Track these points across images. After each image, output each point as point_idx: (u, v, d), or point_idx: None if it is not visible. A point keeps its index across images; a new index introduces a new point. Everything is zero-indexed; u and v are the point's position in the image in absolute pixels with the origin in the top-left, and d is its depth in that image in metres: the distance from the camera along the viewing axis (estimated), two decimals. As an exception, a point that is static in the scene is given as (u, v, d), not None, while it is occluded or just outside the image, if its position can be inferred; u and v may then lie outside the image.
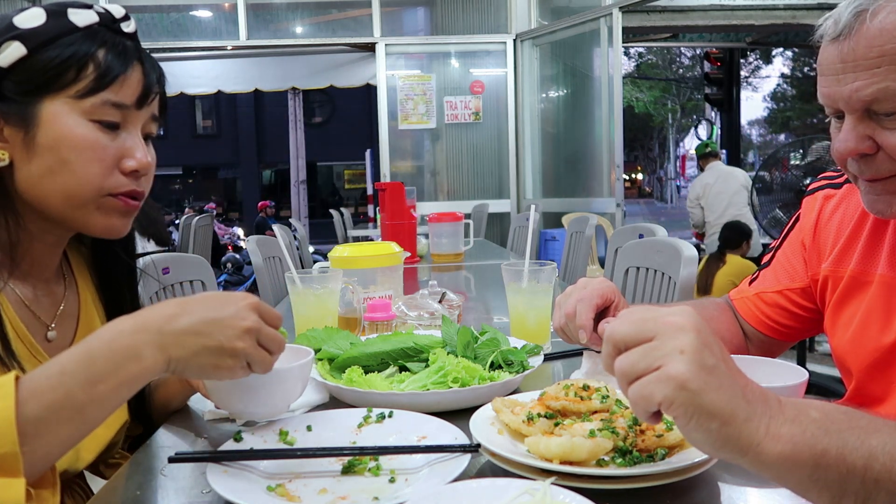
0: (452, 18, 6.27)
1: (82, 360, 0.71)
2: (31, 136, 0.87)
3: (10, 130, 0.88)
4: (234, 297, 0.80)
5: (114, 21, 0.92)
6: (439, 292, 1.64)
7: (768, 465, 0.60)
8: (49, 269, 0.99)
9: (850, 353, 1.04)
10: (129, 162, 0.91)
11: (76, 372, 0.70)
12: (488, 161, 6.23)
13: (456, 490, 0.68)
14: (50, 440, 0.70)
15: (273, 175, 22.55)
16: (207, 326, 0.76)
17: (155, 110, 0.96)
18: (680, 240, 1.96)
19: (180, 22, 6.38)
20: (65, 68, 0.87)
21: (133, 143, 0.92)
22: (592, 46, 5.44)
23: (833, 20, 0.88)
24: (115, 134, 0.91)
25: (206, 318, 0.76)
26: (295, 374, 0.92)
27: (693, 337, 0.60)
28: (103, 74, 0.88)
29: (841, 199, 1.12)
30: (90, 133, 0.88)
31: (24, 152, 0.88)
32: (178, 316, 0.75)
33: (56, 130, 0.87)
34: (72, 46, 0.87)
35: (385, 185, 3.20)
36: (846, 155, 0.90)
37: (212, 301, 0.78)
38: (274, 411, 0.93)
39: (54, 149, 0.87)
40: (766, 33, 10.31)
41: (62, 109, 0.87)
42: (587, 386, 0.88)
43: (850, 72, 0.86)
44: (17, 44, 0.86)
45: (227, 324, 0.77)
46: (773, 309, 1.19)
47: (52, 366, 0.71)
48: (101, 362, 0.72)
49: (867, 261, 1.03)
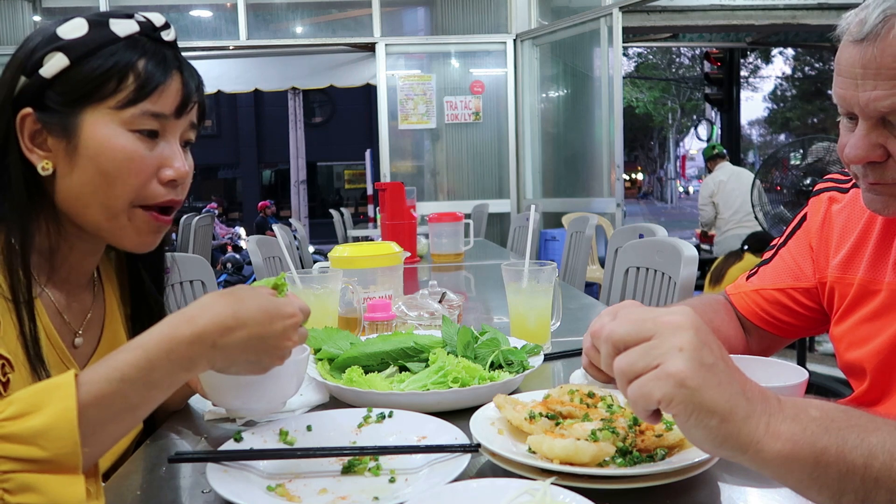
0: (452, 18, 6.27)
1: (143, 367, 0.73)
2: (73, 146, 0.88)
3: (53, 140, 0.89)
4: (283, 311, 0.81)
5: (154, 30, 0.93)
6: (439, 292, 1.64)
7: (768, 463, 0.60)
8: (84, 276, 1.01)
9: (864, 358, 1.04)
10: (167, 171, 0.92)
11: (136, 379, 0.72)
12: (488, 161, 6.23)
13: (456, 490, 0.68)
14: (104, 439, 0.73)
15: (273, 175, 22.54)
16: (257, 344, 0.79)
17: (193, 118, 0.96)
18: (680, 240, 1.95)
19: (180, 22, 6.38)
20: (106, 79, 0.87)
21: (171, 152, 0.93)
22: (592, 46, 5.44)
23: (859, 20, 0.84)
24: (154, 143, 0.91)
25: (256, 335, 0.78)
26: (290, 371, 0.92)
27: (691, 335, 0.60)
28: (143, 85, 0.89)
29: (847, 203, 1.12)
30: (129, 143, 0.89)
31: (66, 162, 0.89)
32: (232, 330, 0.77)
33: (96, 141, 0.88)
34: (113, 57, 0.88)
35: (385, 185, 3.20)
36: (856, 161, 0.90)
37: (263, 314, 0.79)
38: (269, 408, 0.94)
39: (94, 159, 0.88)
40: (766, 33, 10.31)
41: (103, 120, 0.88)
42: (592, 393, 0.89)
43: (870, 79, 0.84)
44: (60, 55, 0.87)
45: (273, 343, 0.81)
46: (771, 305, 1.19)
47: (111, 370, 0.72)
48: (159, 371, 0.74)
49: (875, 269, 1.03)
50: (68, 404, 0.67)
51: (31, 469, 0.65)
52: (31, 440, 0.65)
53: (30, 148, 0.89)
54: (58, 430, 0.66)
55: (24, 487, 0.65)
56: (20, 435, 0.65)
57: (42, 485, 0.65)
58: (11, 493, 0.64)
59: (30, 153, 0.89)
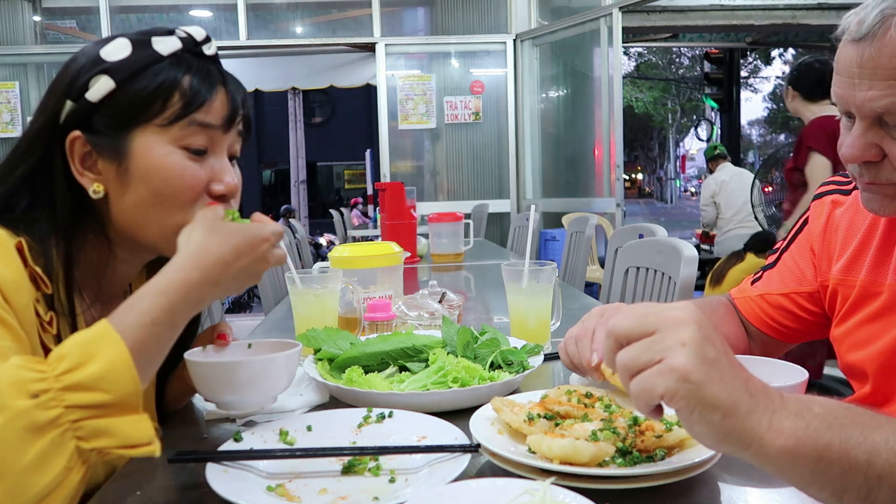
0: (452, 18, 6.27)
1: (167, 310, 0.77)
2: (124, 168, 0.88)
3: (104, 163, 0.89)
4: (262, 235, 0.86)
5: (196, 45, 0.93)
6: (439, 292, 1.64)
7: (771, 459, 0.60)
8: (121, 288, 1.02)
9: (865, 360, 1.04)
10: (217, 186, 0.92)
11: (164, 322, 0.77)
12: (488, 161, 6.23)
13: (456, 490, 0.68)
14: (145, 379, 0.76)
15: (273, 175, 22.54)
16: (246, 270, 0.85)
17: (239, 130, 0.97)
18: (680, 240, 1.95)
19: (180, 22, 6.38)
20: (152, 99, 0.88)
21: (221, 166, 0.93)
22: (592, 46, 5.44)
23: (858, 19, 0.84)
24: (204, 159, 0.92)
25: (246, 264, 0.85)
26: (280, 364, 0.93)
27: (694, 330, 0.60)
28: (189, 102, 0.89)
29: (850, 206, 1.11)
30: (180, 161, 0.89)
31: (118, 184, 0.89)
32: (230, 265, 0.83)
33: (147, 161, 0.88)
34: (158, 77, 0.88)
35: (385, 185, 3.20)
36: (851, 160, 0.90)
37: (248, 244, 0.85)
38: (261, 401, 0.94)
39: (146, 179, 0.88)
40: (766, 33, 10.31)
41: (152, 139, 0.88)
42: (590, 394, 0.89)
43: (866, 78, 0.84)
44: (105, 78, 0.87)
45: (257, 268, 0.87)
46: (776, 311, 1.19)
47: (141, 316, 0.76)
48: (180, 312, 0.79)
49: (877, 271, 1.03)
50: (120, 348, 0.70)
51: (99, 414, 0.68)
52: (94, 386, 0.67)
53: (81, 171, 0.89)
54: (117, 373, 0.69)
55: (96, 433, 0.67)
56: (83, 383, 0.67)
57: (113, 427, 0.68)
58: (86, 439, 0.67)
59: (81, 177, 0.89)
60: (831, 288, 1.11)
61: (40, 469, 0.63)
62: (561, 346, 1.07)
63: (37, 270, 0.83)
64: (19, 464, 0.62)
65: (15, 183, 0.89)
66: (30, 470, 0.63)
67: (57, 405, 0.65)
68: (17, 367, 0.66)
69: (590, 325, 1.02)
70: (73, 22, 6.72)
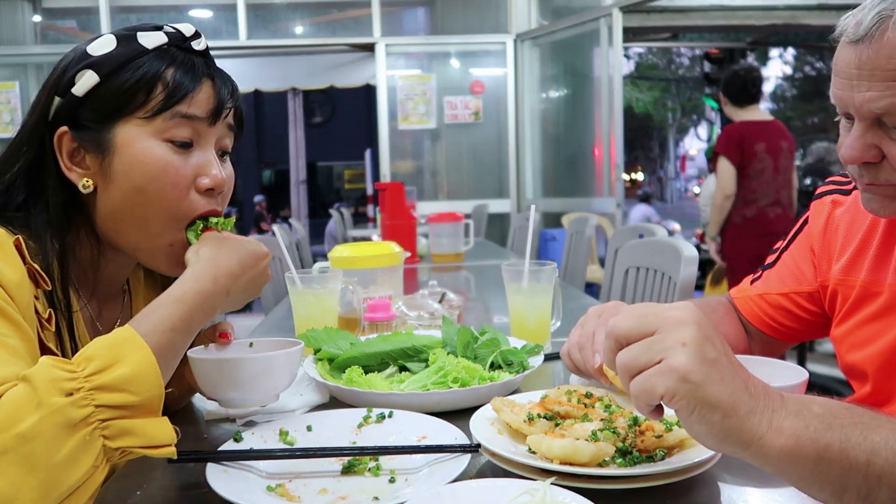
0: (452, 18, 6.27)
1: (184, 318, 0.80)
2: (108, 163, 0.88)
3: (91, 158, 0.89)
4: (262, 251, 0.92)
5: (184, 40, 0.93)
6: (439, 292, 1.64)
7: (770, 459, 0.60)
8: (117, 286, 1.02)
9: (865, 360, 1.04)
10: (203, 180, 0.92)
11: (181, 329, 0.80)
12: (488, 161, 6.22)
13: (456, 490, 0.68)
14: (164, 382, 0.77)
15: (273, 175, 22.52)
16: (251, 283, 0.90)
17: (230, 124, 0.96)
18: (680, 240, 1.96)
19: (180, 22, 6.38)
20: (135, 91, 0.87)
21: (206, 159, 0.92)
22: (592, 46, 5.44)
23: (856, 21, 0.84)
24: (189, 152, 0.91)
25: (251, 276, 0.90)
26: (282, 362, 0.93)
27: (694, 330, 0.60)
28: (172, 93, 0.88)
29: (850, 206, 1.11)
30: (163, 154, 0.88)
31: (103, 179, 0.89)
32: (238, 277, 0.88)
33: (130, 154, 0.88)
34: (141, 69, 0.88)
35: (385, 185, 3.20)
36: (850, 161, 0.90)
37: (252, 258, 0.90)
38: (263, 399, 0.95)
39: (128, 174, 0.88)
40: (766, 33, 10.30)
41: (135, 132, 0.88)
42: (590, 394, 0.89)
43: (864, 80, 0.84)
44: (90, 72, 0.87)
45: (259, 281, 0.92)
46: (776, 310, 1.19)
47: (161, 322, 0.78)
48: (196, 320, 0.82)
49: (877, 270, 1.03)
50: (146, 352, 0.72)
51: (125, 415, 0.69)
52: (122, 387, 0.69)
53: (69, 167, 0.89)
54: (144, 376, 0.71)
55: (122, 432, 0.69)
56: (112, 384, 0.69)
57: (138, 428, 0.70)
58: (112, 438, 0.69)
59: (69, 172, 0.89)
60: (831, 288, 1.10)
61: (72, 465, 0.65)
62: (564, 352, 1.07)
63: (35, 267, 0.83)
64: (53, 459, 0.64)
65: (10, 179, 0.90)
66: (63, 465, 0.64)
67: (88, 404, 0.67)
68: (51, 366, 0.68)
69: (590, 329, 1.02)
70: (73, 22, 6.72)
